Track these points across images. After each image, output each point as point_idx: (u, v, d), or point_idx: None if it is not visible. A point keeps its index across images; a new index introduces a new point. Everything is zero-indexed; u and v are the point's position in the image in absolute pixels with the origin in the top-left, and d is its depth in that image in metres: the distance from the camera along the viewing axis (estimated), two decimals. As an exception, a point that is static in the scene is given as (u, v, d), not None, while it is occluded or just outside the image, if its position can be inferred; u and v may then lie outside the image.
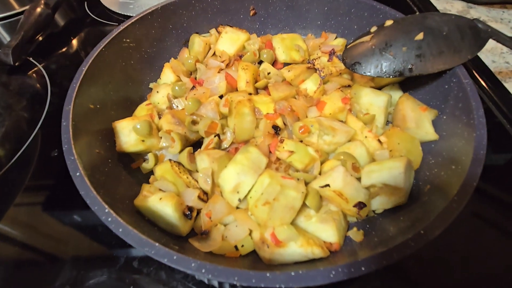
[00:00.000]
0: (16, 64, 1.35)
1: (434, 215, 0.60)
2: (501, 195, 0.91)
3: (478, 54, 1.01)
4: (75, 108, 0.80)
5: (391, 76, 0.89)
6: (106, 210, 0.59)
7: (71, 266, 0.79)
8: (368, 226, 0.80)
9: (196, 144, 0.99)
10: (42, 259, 0.82)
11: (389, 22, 0.96)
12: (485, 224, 0.85)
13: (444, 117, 0.89)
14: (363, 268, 0.53)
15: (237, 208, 0.81)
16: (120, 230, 0.57)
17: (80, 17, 1.66)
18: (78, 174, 0.65)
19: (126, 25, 1.03)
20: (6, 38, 1.57)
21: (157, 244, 0.55)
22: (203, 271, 0.52)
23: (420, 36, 0.88)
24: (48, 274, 0.78)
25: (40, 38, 1.51)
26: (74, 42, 1.51)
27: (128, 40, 1.06)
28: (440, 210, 0.60)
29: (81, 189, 0.63)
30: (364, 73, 0.92)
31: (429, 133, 0.88)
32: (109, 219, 0.58)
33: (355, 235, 0.77)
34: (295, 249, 0.70)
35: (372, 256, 0.54)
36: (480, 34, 0.89)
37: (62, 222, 0.88)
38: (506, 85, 1.21)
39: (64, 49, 1.46)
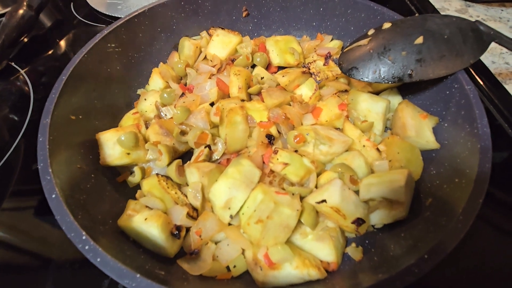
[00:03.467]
0: (-3, 69, 1.29)
1: (438, 237, 0.56)
2: (497, 193, 0.88)
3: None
4: (53, 121, 0.75)
5: (389, 82, 0.85)
6: (84, 237, 0.54)
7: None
8: (367, 241, 0.76)
9: (187, 154, 0.94)
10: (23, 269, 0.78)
11: (387, 25, 0.92)
12: (481, 222, 0.82)
13: (446, 124, 0.85)
14: (363, 299, 0.49)
15: (229, 224, 0.77)
16: (98, 260, 0.52)
17: (66, 18, 1.59)
18: (54, 196, 0.60)
19: (110, 30, 0.97)
20: (-13, 42, 1.50)
21: (138, 275, 0.50)
22: (189, 305, 0.48)
23: (420, 39, 0.83)
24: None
25: (25, 40, 1.45)
26: (59, 45, 1.45)
27: (113, 45, 1.00)
28: (444, 231, 0.56)
29: (57, 213, 0.58)
30: (362, 78, 0.87)
31: (430, 142, 0.84)
32: (86, 247, 0.53)
33: (354, 252, 0.73)
34: (290, 271, 0.65)
35: (374, 284, 0.50)
36: (482, 37, 0.85)
37: (44, 230, 0.84)
38: (506, 86, 1.17)
39: (48, 53, 1.40)
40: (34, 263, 0.79)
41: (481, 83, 1.17)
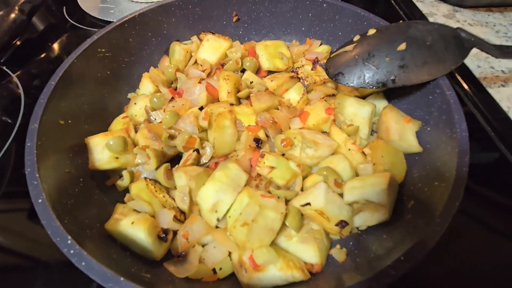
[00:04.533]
0: (-12, 73, 1.29)
1: (415, 239, 0.58)
2: (482, 192, 0.91)
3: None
4: (42, 126, 0.75)
5: (374, 87, 0.87)
6: (69, 242, 0.55)
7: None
8: (351, 243, 0.78)
9: (176, 158, 0.95)
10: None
11: (372, 31, 0.94)
12: (470, 220, 0.85)
13: (428, 128, 0.87)
14: (341, 300, 0.50)
15: (216, 227, 0.78)
16: (83, 264, 0.53)
17: (58, 22, 1.59)
18: (40, 201, 0.61)
19: (100, 35, 0.98)
20: (-22, 45, 1.50)
21: (122, 278, 0.51)
22: (172, 308, 0.49)
23: (403, 46, 0.85)
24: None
25: (18, 43, 1.45)
26: (52, 49, 1.45)
27: (103, 50, 1.01)
28: (421, 233, 0.58)
29: (43, 218, 0.59)
30: (347, 84, 0.89)
31: (412, 146, 0.86)
32: (71, 252, 0.54)
33: (338, 254, 0.75)
34: (274, 272, 0.67)
35: (351, 286, 0.51)
36: (463, 43, 0.87)
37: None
38: (490, 91, 1.19)
39: (40, 57, 1.40)
40: (24, 264, 0.79)
41: (466, 87, 1.19)
